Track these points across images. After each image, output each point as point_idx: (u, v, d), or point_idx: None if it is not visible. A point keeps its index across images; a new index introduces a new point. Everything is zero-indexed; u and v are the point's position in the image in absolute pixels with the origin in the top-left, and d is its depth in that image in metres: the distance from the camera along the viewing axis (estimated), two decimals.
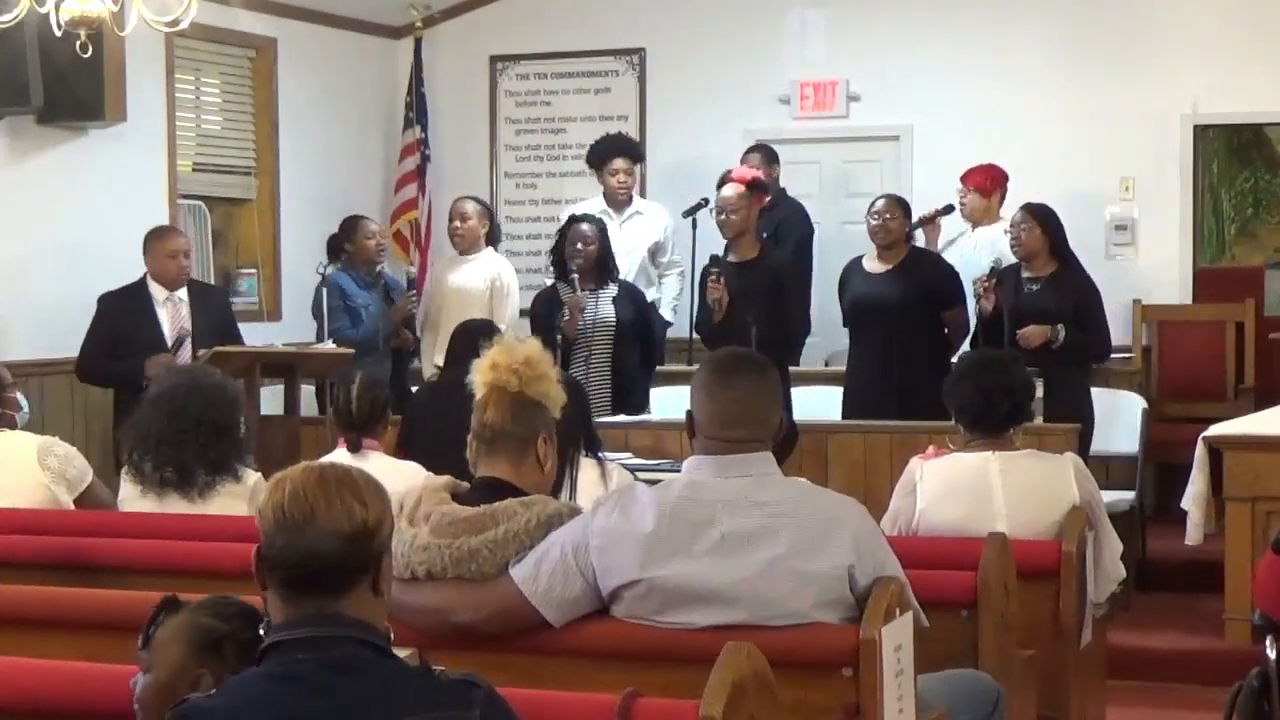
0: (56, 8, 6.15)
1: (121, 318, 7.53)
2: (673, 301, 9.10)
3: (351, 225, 8.59)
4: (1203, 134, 9.51)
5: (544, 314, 7.77)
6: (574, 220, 8.00)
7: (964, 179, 8.62)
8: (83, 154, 8.39)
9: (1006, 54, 9.50)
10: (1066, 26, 9.44)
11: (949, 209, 8.56)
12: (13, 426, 5.30)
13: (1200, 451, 6.69)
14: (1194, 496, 6.66)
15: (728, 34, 9.96)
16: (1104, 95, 9.32)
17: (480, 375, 3.61)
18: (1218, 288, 9.59)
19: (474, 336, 6.60)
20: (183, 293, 7.63)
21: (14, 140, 8.06)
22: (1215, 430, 6.81)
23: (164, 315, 7.57)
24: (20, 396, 5.46)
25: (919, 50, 9.61)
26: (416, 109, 10.26)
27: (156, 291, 7.58)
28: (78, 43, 6.24)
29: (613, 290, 7.84)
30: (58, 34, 6.31)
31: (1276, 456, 6.59)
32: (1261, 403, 8.44)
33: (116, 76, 8.09)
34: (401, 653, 2.54)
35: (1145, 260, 9.34)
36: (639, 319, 7.90)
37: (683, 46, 10.07)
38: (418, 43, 10.37)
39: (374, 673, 2.42)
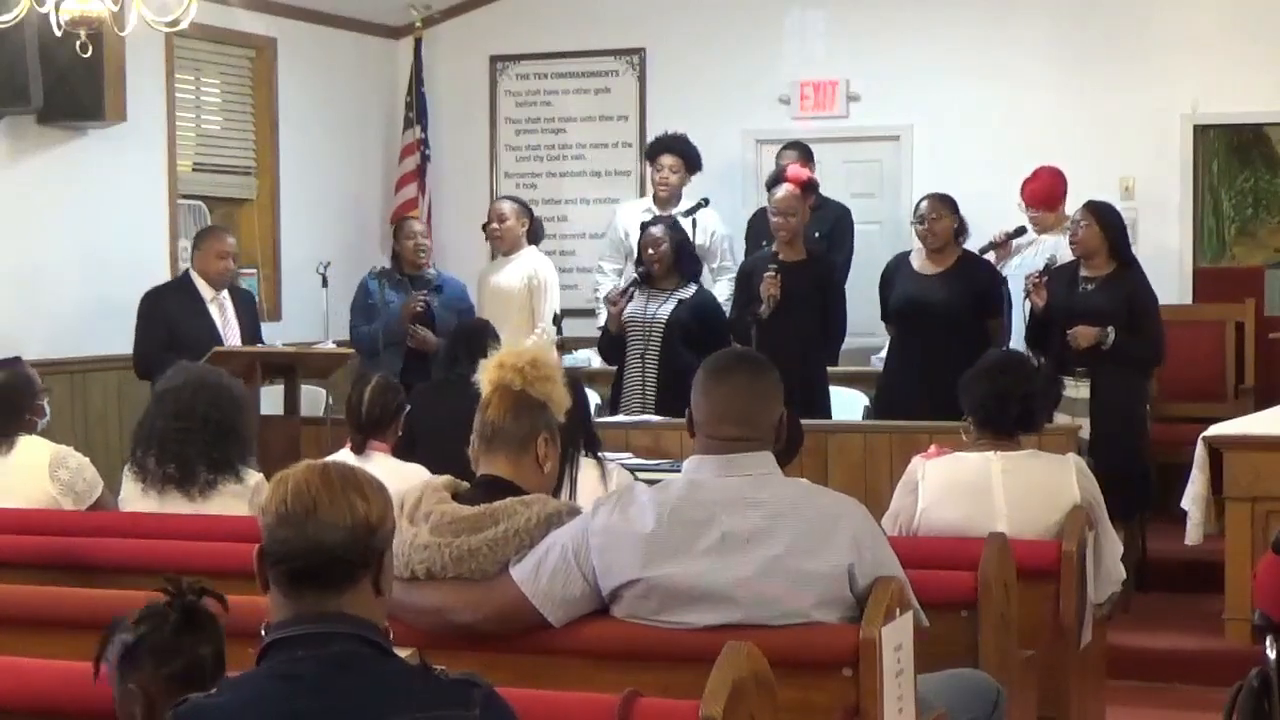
0: (56, 8, 6.15)
1: (177, 313, 7.57)
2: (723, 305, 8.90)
3: (397, 227, 8.68)
4: (1203, 134, 9.51)
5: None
6: (645, 226, 7.94)
7: (1028, 201, 8.36)
8: (83, 154, 8.39)
9: (1006, 54, 9.50)
10: (1066, 26, 9.45)
11: (1021, 231, 8.24)
12: (32, 432, 5.30)
13: (1200, 451, 6.68)
14: (1194, 496, 6.66)
15: (728, 34, 9.97)
16: (1104, 95, 9.33)
17: (486, 374, 3.64)
18: (1218, 288, 9.58)
19: (469, 336, 6.62)
20: (226, 294, 7.73)
21: (14, 140, 8.06)
22: (1215, 430, 6.81)
23: (214, 313, 7.65)
24: (45, 404, 5.46)
25: (919, 50, 9.61)
26: (416, 109, 10.27)
27: (204, 290, 7.65)
28: (78, 43, 6.24)
29: (686, 292, 7.66)
30: (58, 34, 6.31)
31: (1276, 456, 6.58)
32: (1261, 403, 8.43)
33: (116, 76, 8.09)
34: (401, 652, 2.54)
35: (1145, 260, 9.26)
36: (700, 324, 7.61)
37: (683, 46, 10.07)
38: (418, 43, 10.38)
39: (374, 671, 2.42)
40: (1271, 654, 4.10)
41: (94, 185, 8.44)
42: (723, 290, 8.87)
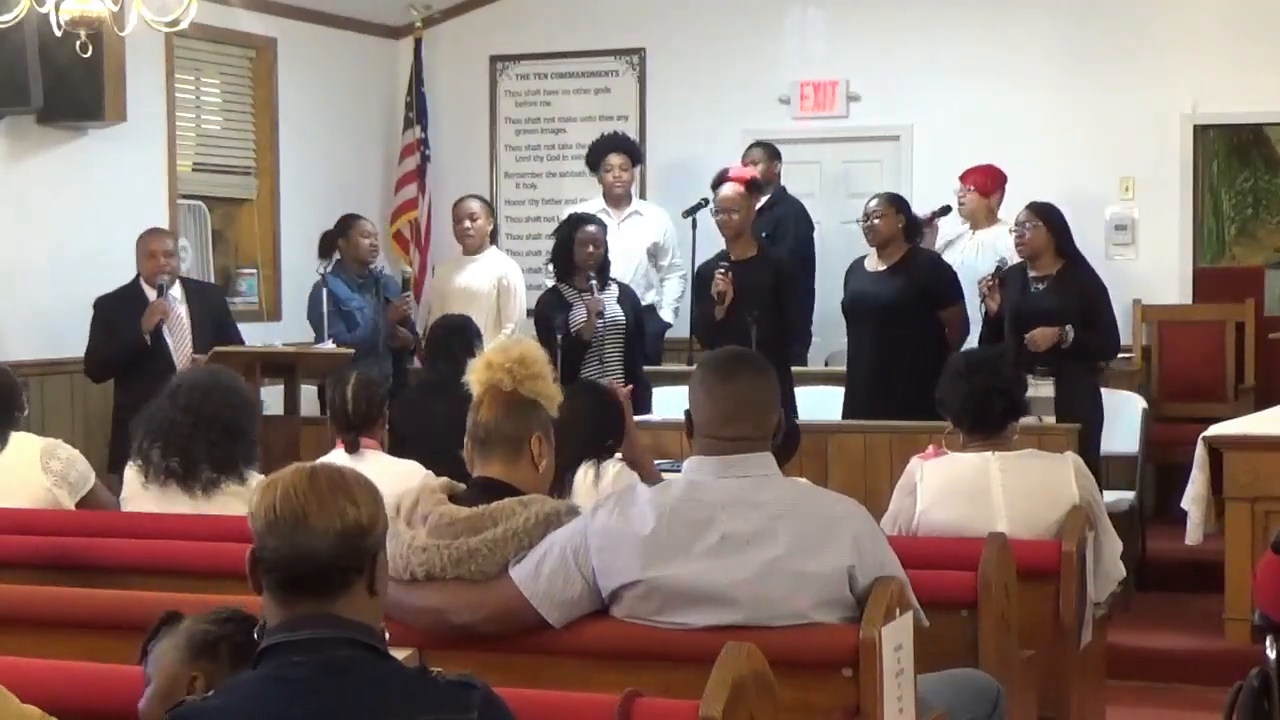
0: (56, 8, 6.15)
1: (120, 317, 7.61)
2: (674, 304, 9.07)
3: (347, 224, 8.52)
4: (1203, 134, 9.51)
5: (549, 316, 7.77)
6: (580, 221, 7.95)
7: (963, 178, 8.65)
8: (83, 154, 8.39)
9: (1006, 54, 9.50)
10: (1067, 26, 9.45)
11: (945, 210, 8.53)
12: (18, 427, 5.30)
13: (1200, 451, 6.68)
14: (1194, 496, 6.66)
15: (728, 34, 9.96)
16: (1104, 95, 9.32)
17: (475, 375, 3.62)
18: (1218, 288, 9.59)
19: (450, 334, 6.62)
20: (177, 291, 7.73)
21: (14, 140, 8.06)
22: (1215, 430, 6.81)
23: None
24: (25, 397, 5.47)
25: (919, 50, 9.61)
26: (416, 109, 10.27)
27: (150, 292, 7.66)
28: (78, 43, 6.24)
29: (614, 291, 7.85)
30: (58, 34, 6.31)
31: (1276, 456, 6.59)
32: (1261, 403, 8.44)
33: (116, 76, 8.09)
34: (401, 653, 2.54)
35: (1145, 260, 9.33)
36: (637, 319, 7.92)
37: (683, 46, 10.07)
38: (418, 43, 10.37)
39: (370, 674, 2.42)
40: (1271, 654, 4.10)
41: (94, 185, 8.44)
42: (673, 288, 8.99)
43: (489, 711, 2.43)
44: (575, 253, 7.76)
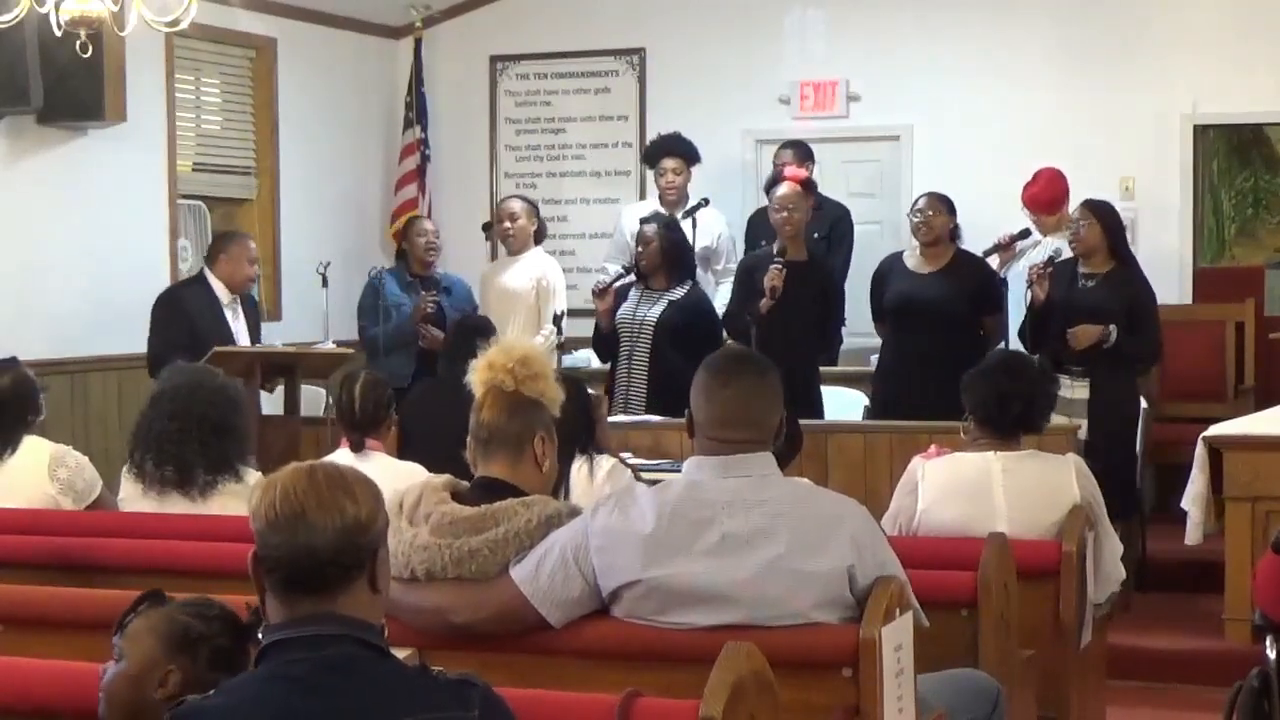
0: (56, 8, 6.15)
1: (196, 314, 7.58)
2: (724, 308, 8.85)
3: (409, 225, 8.70)
4: (1203, 134, 9.51)
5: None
6: (640, 223, 7.91)
7: (1029, 205, 8.36)
8: (83, 154, 8.39)
9: (1006, 54, 9.50)
10: (1067, 26, 9.45)
11: (1025, 233, 8.17)
12: (31, 431, 5.30)
13: (1200, 451, 6.68)
14: (1194, 496, 6.66)
15: (728, 34, 9.97)
16: (1104, 95, 9.33)
17: (477, 375, 3.61)
18: (1218, 288, 9.58)
19: (470, 334, 6.61)
20: (237, 298, 7.77)
21: (14, 140, 8.07)
22: (1215, 430, 6.81)
23: (229, 317, 7.69)
24: (42, 401, 5.46)
25: (919, 50, 9.61)
26: (416, 109, 10.27)
27: (222, 294, 7.69)
28: (78, 43, 6.24)
29: (678, 293, 7.58)
30: (58, 34, 6.32)
31: (1276, 456, 6.58)
32: (1261, 403, 8.44)
33: (116, 76, 8.09)
34: (401, 653, 2.54)
35: (1145, 260, 9.24)
36: (693, 324, 7.52)
37: (683, 46, 10.08)
38: (418, 43, 10.38)
39: (371, 673, 2.42)
40: (1271, 654, 4.11)
41: (94, 185, 8.44)
42: (727, 292, 8.82)
43: (489, 709, 2.44)
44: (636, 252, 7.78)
